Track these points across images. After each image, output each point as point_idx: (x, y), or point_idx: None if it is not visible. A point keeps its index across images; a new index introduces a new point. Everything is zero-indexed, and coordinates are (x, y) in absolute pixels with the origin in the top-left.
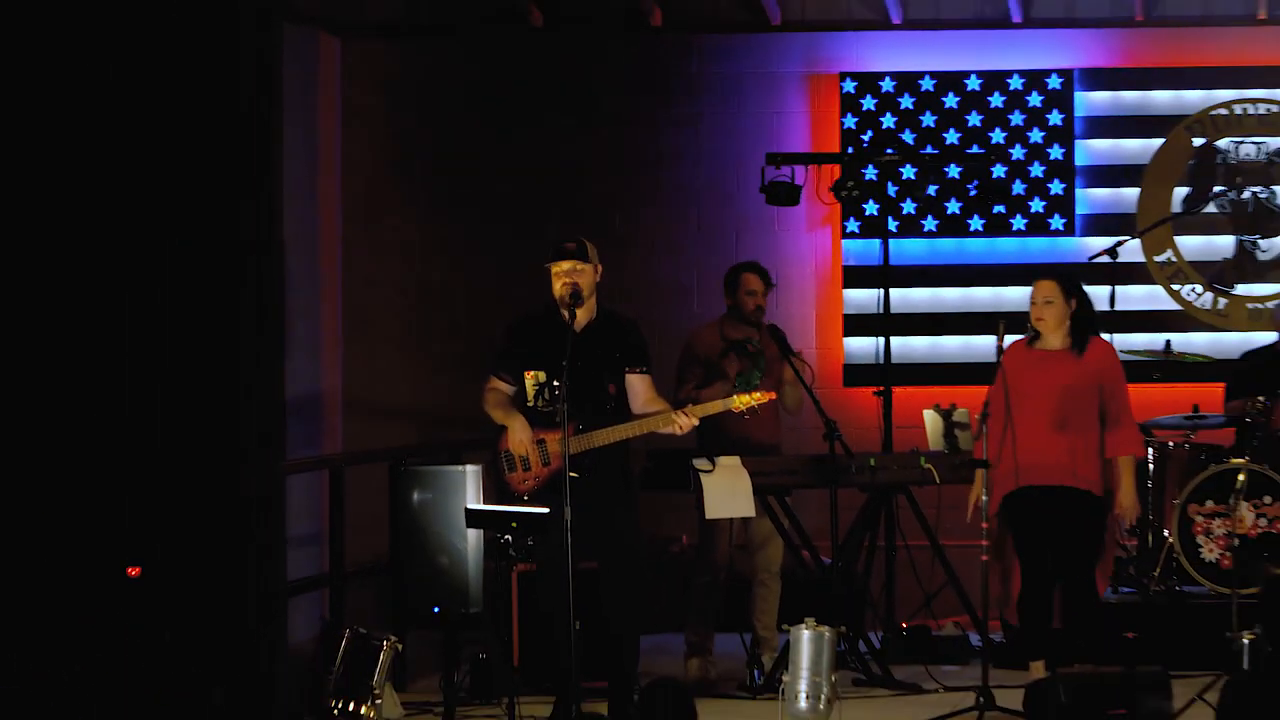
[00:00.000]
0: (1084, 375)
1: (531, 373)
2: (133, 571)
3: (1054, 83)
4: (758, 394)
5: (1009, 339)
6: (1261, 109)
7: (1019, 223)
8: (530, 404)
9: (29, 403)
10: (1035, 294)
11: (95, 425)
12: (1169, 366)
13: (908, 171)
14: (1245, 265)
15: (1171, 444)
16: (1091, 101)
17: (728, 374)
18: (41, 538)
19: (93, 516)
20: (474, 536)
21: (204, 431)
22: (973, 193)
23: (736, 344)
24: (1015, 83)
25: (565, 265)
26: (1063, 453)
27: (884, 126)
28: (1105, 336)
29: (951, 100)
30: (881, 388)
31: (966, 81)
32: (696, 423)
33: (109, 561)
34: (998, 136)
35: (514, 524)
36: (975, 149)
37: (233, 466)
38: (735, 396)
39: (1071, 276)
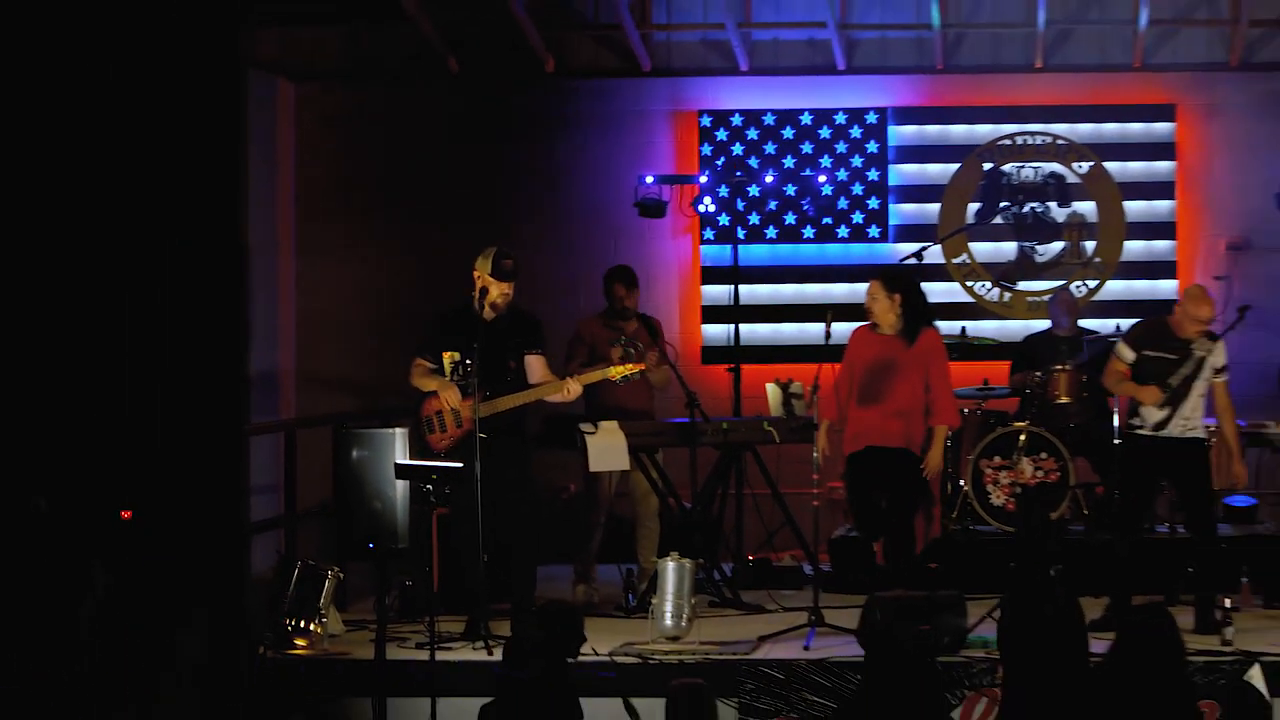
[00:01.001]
0: (911, 358)
1: (448, 354)
2: (126, 515)
3: (871, 119)
4: (629, 365)
5: (851, 326)
6: (1038, 140)
7: (843, 232)
8: (447, 378)
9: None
10: (867, 290)
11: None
12: (964, 348)
13: (753, 190)
14: (1025, 267)
15: (966, 411)
16: (901, 134)
17: (612, 358)
18: (57, 489)
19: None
20: (401, 486)
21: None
22: (805, 207)
23: (625, 340)
24: (840, 119)
25: (505, 287)
26: (895, 420)
27: (734, 154)
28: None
29: (789, 133)
30: (732, 365)
31: (800, 118)
32: (580, 390)
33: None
34: (826, 162)
35: (434, 475)
36: (808, 172)
37: (206, 430)
38: (612, 367)
39: (899, 276)
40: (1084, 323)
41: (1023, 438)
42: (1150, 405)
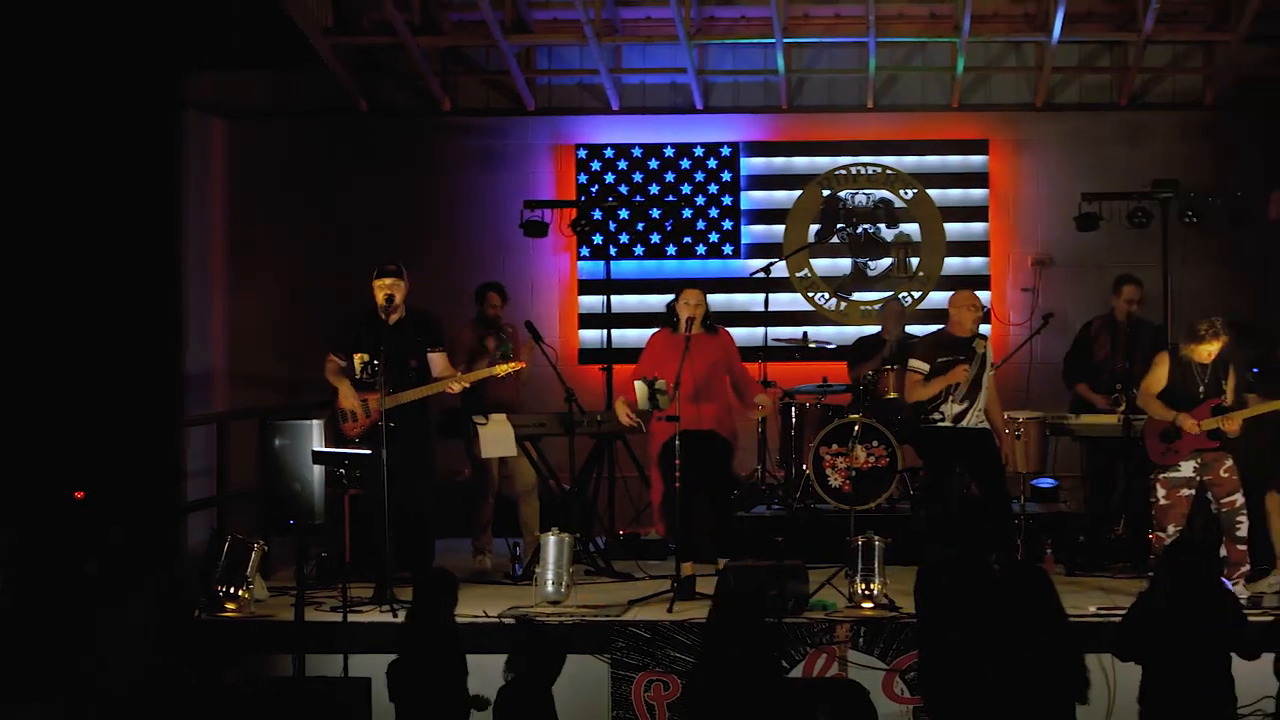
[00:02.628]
0: (720, 352)
1: (359, 355)
2: (79, 495)
3: (725, 151)
4: (512, 363)
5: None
6: (870, 170)
7: (701, 249)
8: (357, 376)
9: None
10: (690, 298)
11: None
12: (806, 351)
13: (623, 213)
14: (859, 280)
15: (808, 405)
16: (752, 165)
17: (489, 349)
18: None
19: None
20: (318, 470)
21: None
22: (669, 228)
23: (496, 331)
24: (698, 151)
25: (385, 282)
26: (713, 406)
27: (607, 182)
28: (761, 330)
29: (654, 163)
30: (605, 365)
31: (665, 150)
32: (468, 384)
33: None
34: (686, 189)
35: (346, 461)
36: (670, 198)
37: (148, 421)
38: (497, 365)
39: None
40: (910, 328)
41: (857, 428)
42: (961, 380)
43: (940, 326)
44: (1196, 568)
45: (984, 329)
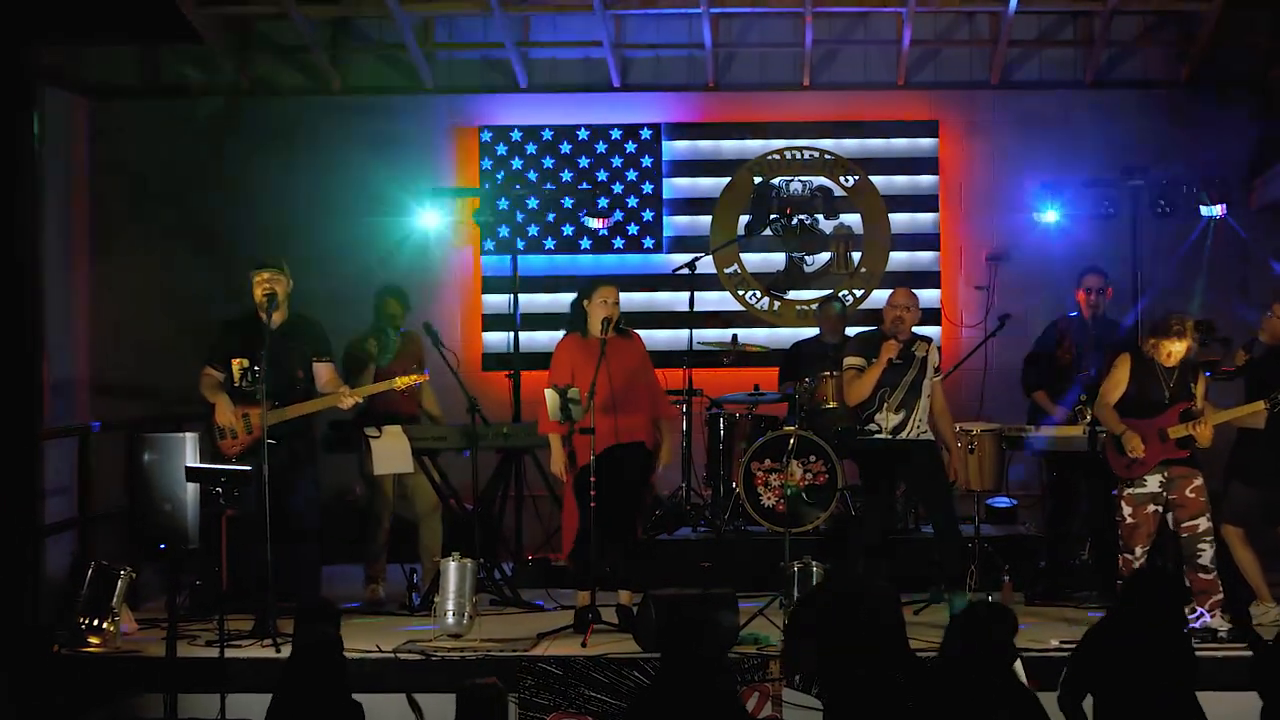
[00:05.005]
0: (637, 357)
1: (237, 361)
2: None
3: (645, 134)
4: (414, 375)
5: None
6: (806, 155)
7: (619, 242)
8: (236, 385)
9: None
10: (608, 296)
11: None
12: (736, 355)
13: (532, 203)
14: (795, 276)
15: (738, 415)
16: (675, 149)
17: (370, 353)
18: None
19: None
20: (192, 489)
21: None
22: (583, 219)
23: (377, 330)
24: (615, 134)
25: (264, 275)
26: (634, 416)
27: (514, 167)
28: (685, 332)
29: (566, 147)
30: (512, 372)
31: (578, 133)
32: (360, 400)
33: None
34: (602, 175)
35: (223, 479)
36: (584, 185)
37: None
38: (398, 378)
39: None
40: (851, 330)
41: (792, 441)
42: (891, 353)
43: (874, 327)
44: (1157, 601)
45: (930, 331)
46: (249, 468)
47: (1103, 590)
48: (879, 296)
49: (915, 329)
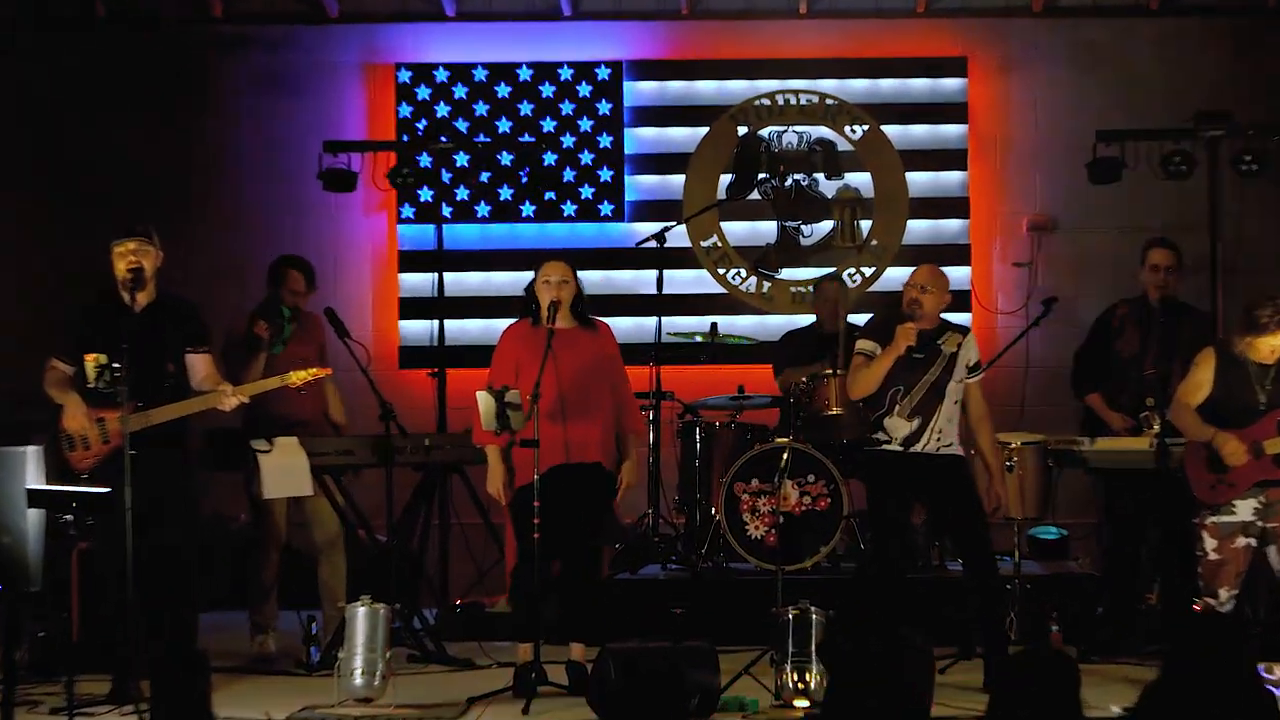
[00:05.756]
0: (598, 353)
1: (92, 355)
2: None
3: (603, 74)
4: (314, 369)
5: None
6: (803, 99)
7: (569, 209)
8: (91, 384)
9: None
10: (552, 274)
11: None
12: (715, 348)
13: (461, 159)
14: (788, 250)
15: (718, 424)
16: (639, 91)
17: (260, 338)
18: None
19: None
20: (35, 516)
21: None
22: (524, 180)
23: (268, 310)
24: (565, 73)
25: (130, 245)
26: (590, 427)
27: (438, 115)
28: (653, 320)
29: (504, 90)
30: (436, 369)
31: (518, 72)
32: (245, 399)
33: None
34: (548, 125)
35: (74, 503)
36: (526, 137)
37: None
38: (292, 373)
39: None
40: (857, 318)
41: (786, 456)
42: (909, 339)
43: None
44: (1218, 655)
45: (956, 317)
46: (107, 489)
47: (1170, 647)
48: (893, 277)
49: (944, 316)
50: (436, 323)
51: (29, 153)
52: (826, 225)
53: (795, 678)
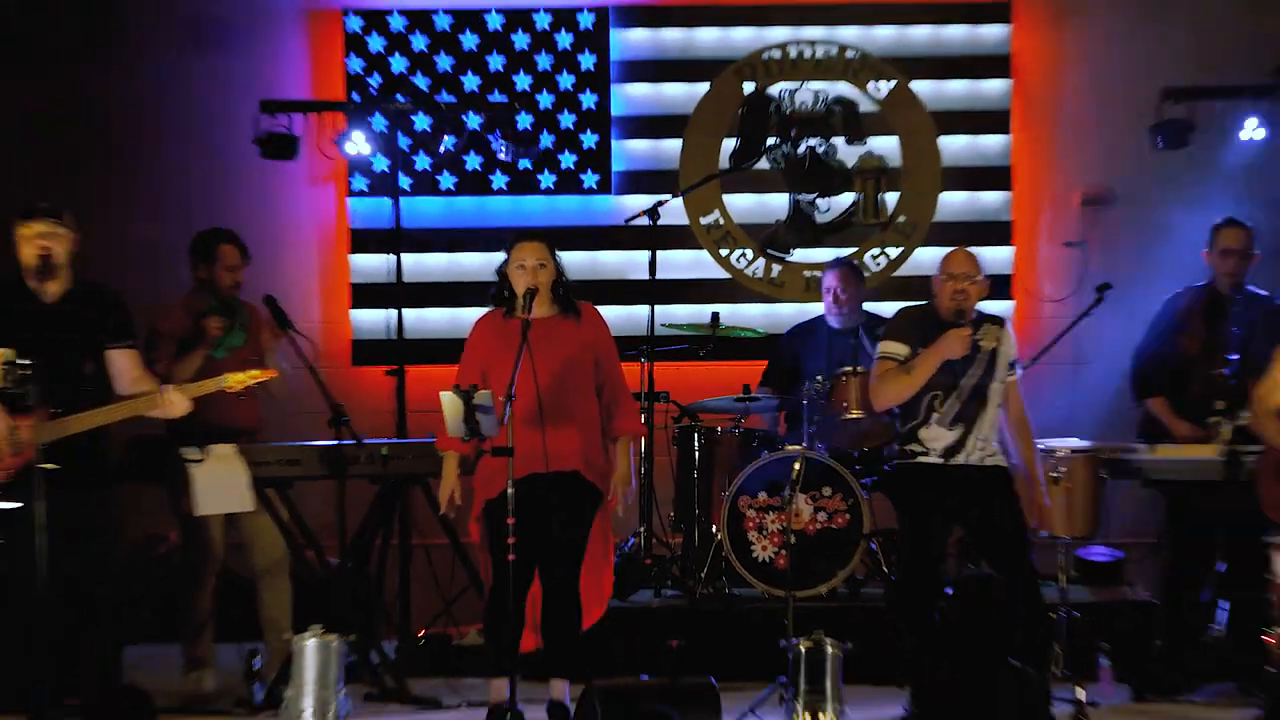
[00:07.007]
0: (583, 345)
1: None
2: None
3: (586, 20)
4: (255, 371)
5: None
6: (819, 51)
7: (547, 180)
8: None
9: None
10: (528, 257)
11: None
12: (717, 342)
13: (421, 122)
14: (802, 228)
15: (720, 429)
16: (629, 42)
17: (208, 334)
18: None
19: None
20: None
21: None
22: (496, 147)
23: (218, 303)
24: (542, 20)
25: (37, 227)
26: (572, 431)
27: (394, 71)
28: (645, 309)
29: (470, 41)
30: (394, 366)
31: (487, 18)
32: (187, 405)
33: None
34: (523, 82)
35: None
36: (497, 96)
37: None
38: (230, 375)
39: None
40: (874, 307)
41: (797, 466)
42: (959, 349)
43: (924, 302)
44: None
45: (999, 307)
46: (18, 504)
47: (1243, 682)
48: (922, 259)
49: (980, 307)
50: (395, 312)
51: None
52: (846, 199)
53: (808, 717)
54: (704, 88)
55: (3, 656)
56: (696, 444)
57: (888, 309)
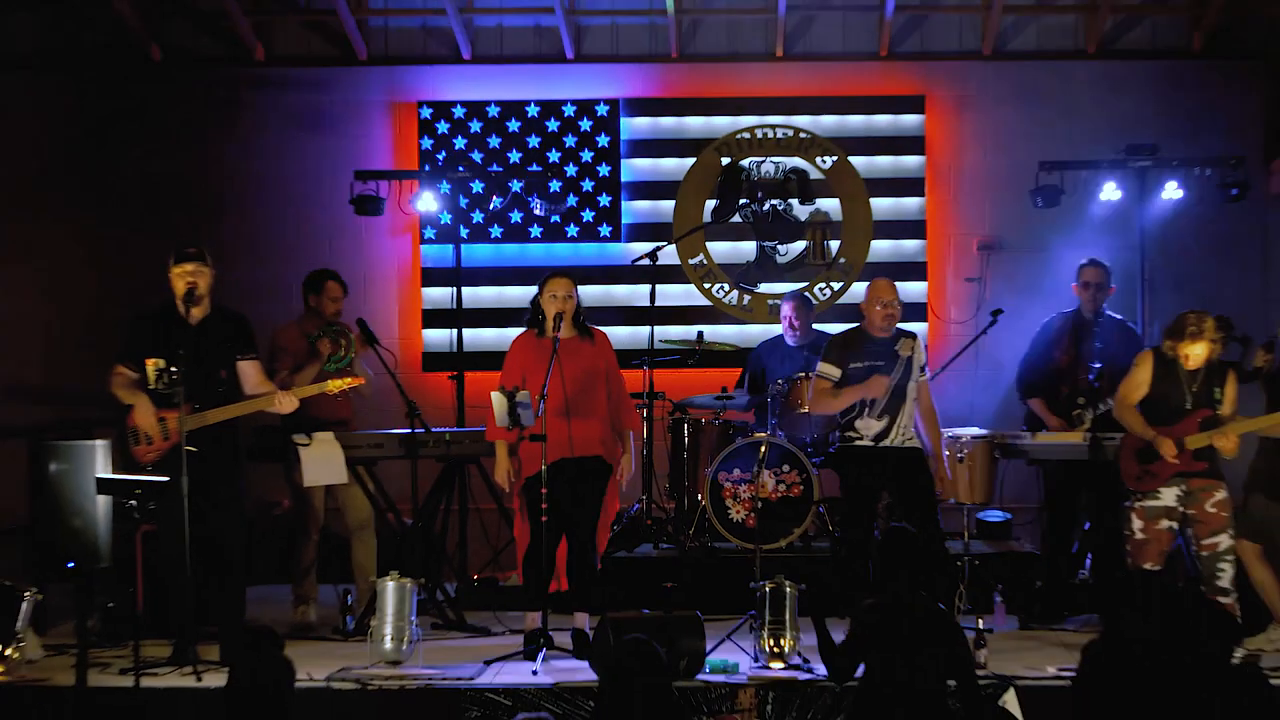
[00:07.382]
0: (598, 359)
1: (152, 360)
2: None
3: (602, 110)
4: (349, 378)
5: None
6: (779, 133)
7: (572, 230)
8: (152, 387)
9: None
10: (558, 289)
11: None
12: (701, 354)
13: (477, 186)
14: (766, 267)
15: (704, 420)
16: (634, 126)
17: (320, 353)
18: None
19: None
20: (103, 501)
21: None
22: (532, 205)
23: (329, 328)
24: (569, 110)
25: (187, 267)
26: (590, 424)
27: (456, 147)
28: (647, 329)
29: (514, 125)
30: (455, 372)
31: (527, 109)
32: (295, 404)
33: None
34: (554, 156)
35: (138, 490)
36: (534, 167)
37: None
38: (330, 381)
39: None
40: (822, 327)
41: (764, 449)
42: (879, 394)
43: (854, 325)
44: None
45: (914, 326)
46: (167, 478)
47: (1105, 613)
48: (859, 290)
49: (899, 324)
50: (455, 331)
51: (89, 180)
52: (799, 245)
53: (772, 642)
54: (691, 161)
55: (157, 594)
56: (686, 432)
57: (833, 328)
